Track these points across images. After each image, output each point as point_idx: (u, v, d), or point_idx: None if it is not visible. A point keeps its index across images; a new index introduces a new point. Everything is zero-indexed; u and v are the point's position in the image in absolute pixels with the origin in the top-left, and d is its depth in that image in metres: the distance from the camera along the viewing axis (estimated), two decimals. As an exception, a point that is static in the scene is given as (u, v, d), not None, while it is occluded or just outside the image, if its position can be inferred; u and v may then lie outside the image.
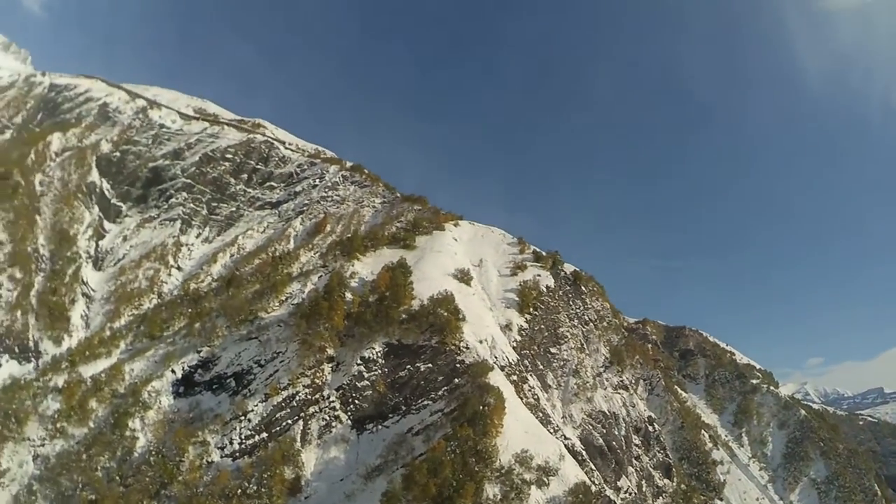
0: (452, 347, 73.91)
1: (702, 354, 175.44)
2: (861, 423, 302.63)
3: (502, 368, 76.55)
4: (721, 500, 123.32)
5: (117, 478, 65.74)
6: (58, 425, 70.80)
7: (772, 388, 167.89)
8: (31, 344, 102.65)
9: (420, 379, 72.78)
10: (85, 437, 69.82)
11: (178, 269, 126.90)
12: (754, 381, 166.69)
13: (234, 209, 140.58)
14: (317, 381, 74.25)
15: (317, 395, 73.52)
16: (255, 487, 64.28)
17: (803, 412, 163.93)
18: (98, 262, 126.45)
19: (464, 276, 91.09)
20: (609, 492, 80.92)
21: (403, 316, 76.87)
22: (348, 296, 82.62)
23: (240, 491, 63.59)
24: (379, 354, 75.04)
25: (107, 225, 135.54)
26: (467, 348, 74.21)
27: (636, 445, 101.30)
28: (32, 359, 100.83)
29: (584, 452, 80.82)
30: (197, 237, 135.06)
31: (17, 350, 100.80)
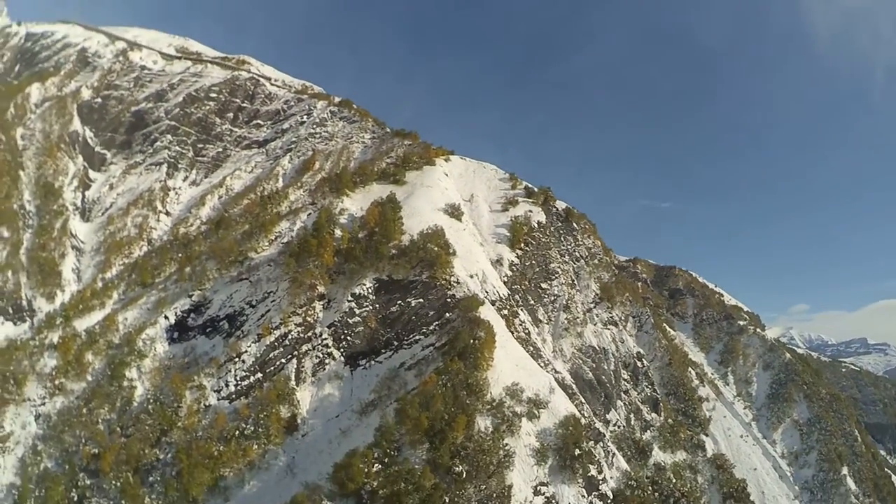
0: (443, 282, 72.55)
1: (690, 294, 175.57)
2: (844, 370, 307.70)
3: (493, 303, 75.54)
4: (706, 435, 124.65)
5: (118, 429, 65.43)
6: (56, 382, 69.96)
7: (758, 330, 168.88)
8: (24, 303, 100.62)
9: (411, 314, 71.66)
10: (84, 391, 69.24)
11: (167, 213, 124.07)
12: (741, 323, 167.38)
13: (220, 150, 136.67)
14: (308, 319, 73.10)
15: (309, 333, 72.52)
16: (252, 428, 64.29)
17: (788, 355, 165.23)
18: (85, 213, 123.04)
19: (454, 212, 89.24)
20: (598, 424, 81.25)
21: (393, 251, 75.27)
22: (337, 232, 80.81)
23: (237, 432, 63.62)
24: (370, 290, 73.69)
25: (92, 174, 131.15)
26: (458, 283, 72.92)
27: (625, 380, 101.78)
28: (27, 318, 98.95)
29: (573, 386, 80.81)
30: (184, 180, 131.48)
31: (11, 311, 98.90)
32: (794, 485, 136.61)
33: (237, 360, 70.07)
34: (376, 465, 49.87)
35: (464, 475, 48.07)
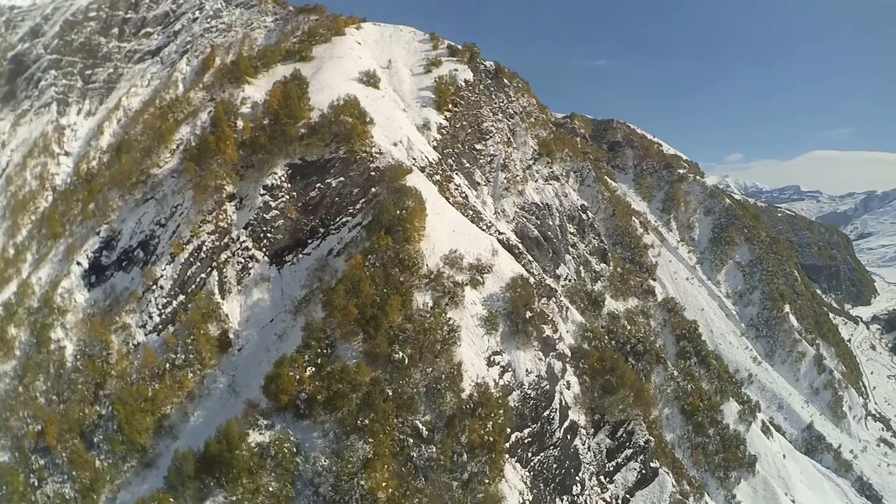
0: (364, 155, 61.39)
1: (630, 146, 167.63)
2: (780, 215, 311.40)
3: (422, 169, 64.96)
4: (654, 280, 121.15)
5: (55, 397, 56.24)
6: (-14, 367, 58.91)
7: (698, 177, 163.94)
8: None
9: (333, 195, 60.89)
10: (15, 369, 59.32)
11: (66, 154, 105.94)
12: (681, 171, 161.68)
13: (111, 70, 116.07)
14: (221, 224, 61.85)
15: (225, 240, 61.53)
16: (182, 356, 55.03)
17: (728, 201, 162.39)
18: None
19: (370, 79, 76.20)
20: (549, 280, 73.81)
21: (303, 131, 63.17)
22: (239, 124, 67.49)
23: (168, 365, 54.39)
24: (282, 178, 62.11)
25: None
26: (380, 153, 61.83)
27: (571, 234, 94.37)
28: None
29: (520, 245, 72.26)
30: (78, 114, 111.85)
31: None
32: (740, 322, 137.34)
33: (154, 287, 59.53)
34: (309, 368, 40.45)
35: (406, 361, 39.11)
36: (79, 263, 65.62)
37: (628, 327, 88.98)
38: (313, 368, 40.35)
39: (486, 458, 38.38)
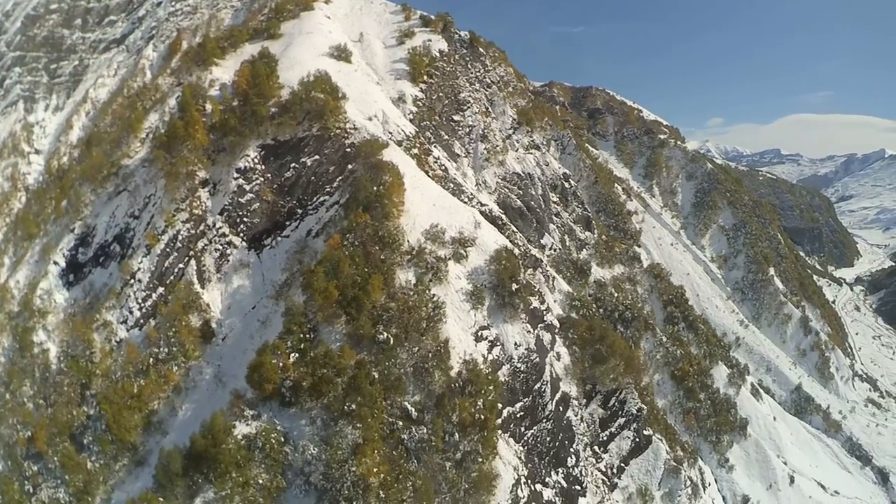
0: (338, 131, 59.15)
1: (610, 112, 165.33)
2: (761, 178, 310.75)
3: (399, 143, 62.82)
4: (639, 246, 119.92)
5: (41, 401, 54.05)
6: (-32, 378, 56.53)
7: (679, 142, 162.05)
8: None
9: (309, 175, 58.72)
10: (0, 376, 56.96)
11: (37, 152, 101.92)
12: (662, 137, 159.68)
13: (76, 63, 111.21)
14: (196, 211, 59.36)
15: (201, 227, 59.11)
16: (165, 350, 52.74)
17: (710, 165, 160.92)
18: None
19: (342, 54, 73.44)
20: (534, 251, 72.41)
21: (273, 110, 60.50)
22: (208, 107, 64.60)
23: (152, 359, 52.17)
24: (255, 160, 59.68)
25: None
26: (355, 129, 59.60)
27: (554, 203, 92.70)
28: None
29: (503, 216, 70.62)
30: (46, 110, 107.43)
31: None
32: (725, 286, 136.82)
33: (132, 281, 56.97)
34: (292, 354, 38.76)
35: (391, 341, 37.49)
36: (55, 263, 63.10)
37: (615, 295, 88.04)
38: (297, 354, 38.79)
39: (479, 436, 37.22)
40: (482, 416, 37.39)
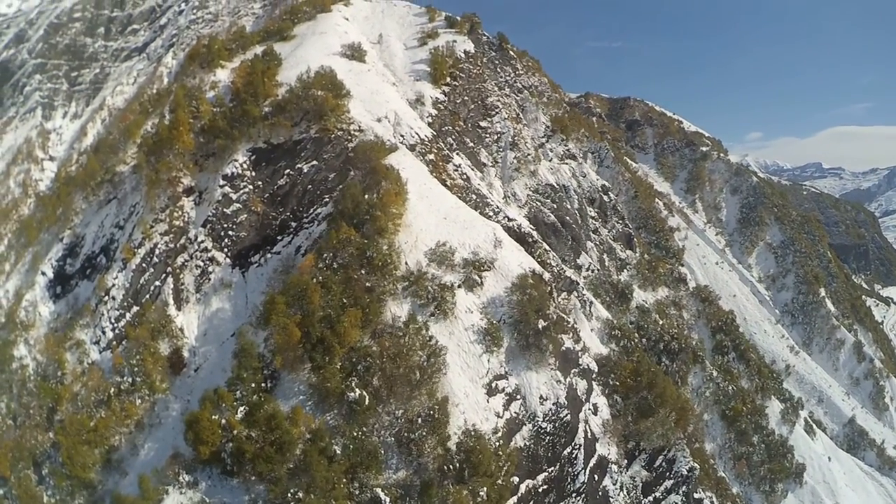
0: (340, 133, 49.08)
1: (649, 124, 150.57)
2: (805, 193, 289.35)
3: (412, 147, 52.23)
4: (682, 266, 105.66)
5: (10, 422, 46.80)
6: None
7: (722, 154, 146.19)
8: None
9: (306, 183, 48.67)
10: None
11: (51, 159, 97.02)
12: (704, 149, 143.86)
13: (97, 71, 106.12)
14: (176, 222, 49.83)
15: (182, 241, 49.40)
16: (129, 380, 43.27)
17: (755, 178, 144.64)
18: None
19: (355, 53, 63.78)
20: (569, 272, 60.48)
21: (266, 110, 50.72)
22: (202, 109, 55.31)
23: (114, 389, 42.97)
24: (244, 166, 49.92)
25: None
26: (360, 130, 49.47)
27: (592, 218, 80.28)
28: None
29: (534, 233, 58.92)
30: (64, 117, 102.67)
31: None
32: (774, 309, 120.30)
33: (107, 297, 47.93)
34: (241, 409, 28.14)
35: (366, 401, 26.50)
36: (43, 273, 55.39)
37: (660, 322, 75.00)
38: (246, 409, 28.16)
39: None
40: (489, 508, 26.03)
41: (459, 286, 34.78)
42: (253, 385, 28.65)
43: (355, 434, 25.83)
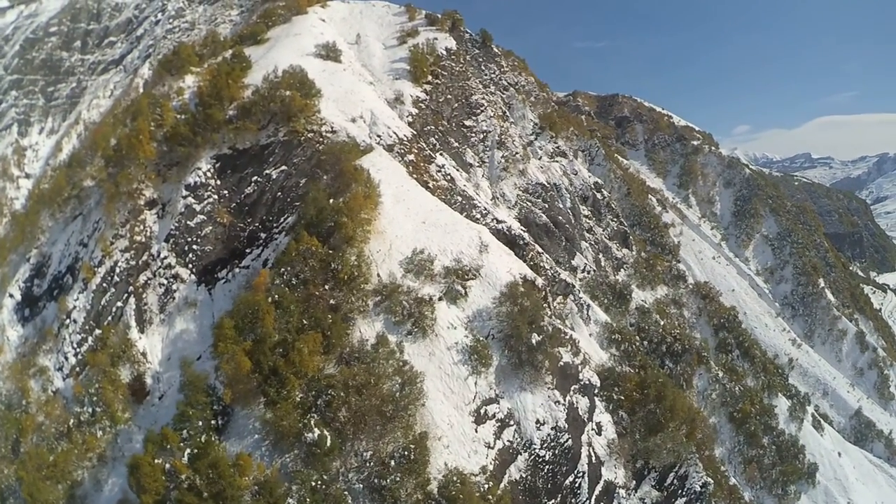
0: (310, 135, 44.54)
1: (638, 120, 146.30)
2: (796, 183, 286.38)
3: (390, 148, 47.64)
4: (679, 262, 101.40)
5: None
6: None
7: (713, 148, 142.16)
8: None
9: (275, 190, 44.13)
10: None
11: (27, 176, 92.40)
12: (695, 143, 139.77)
13: (74, 85, 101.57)
14: (137, 237, 45.21)
15: (144, 257, 44.76)
16: (89, 410, 38.94)
17: (748, 170, 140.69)
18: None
19: (329, 53, 59.35)
20: (564, 274, 55.94)
21: (231, 113, 46.08)
22: (165, 117, 50.77)
23: (73, 421, 38.86)
24: (208, 174, 45.33)
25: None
26: (332, 132, 45.01)
27: (586, 217, 75.79)
28: None
29: (525, 235, 54.38)
30: (40, 133, 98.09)
31: None
32: (774, 302, 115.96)
33: (68, 321, 43.57)
34: (187, 451, 23.51)
35: (327, 442, 21.85)
36: (11, 296, 50.38)
37: (661, 322, 70.51)
38: (194, 452, 23.56)
39: None
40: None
41: (440, 299, 30.24)
42: (201, 423, 24.07)
43: (314, 483, 21.29)
